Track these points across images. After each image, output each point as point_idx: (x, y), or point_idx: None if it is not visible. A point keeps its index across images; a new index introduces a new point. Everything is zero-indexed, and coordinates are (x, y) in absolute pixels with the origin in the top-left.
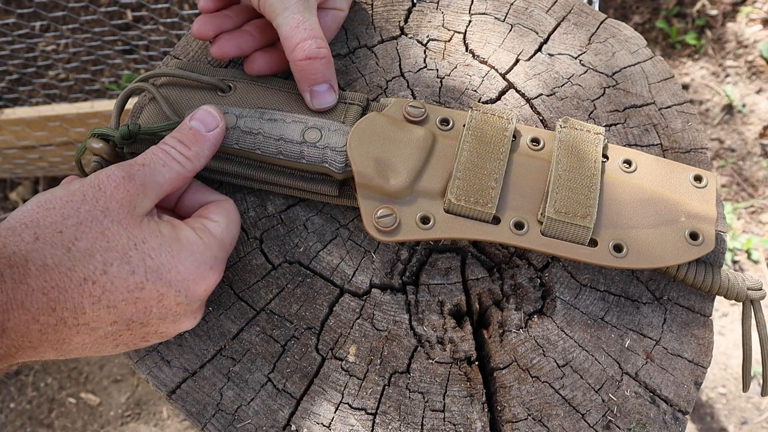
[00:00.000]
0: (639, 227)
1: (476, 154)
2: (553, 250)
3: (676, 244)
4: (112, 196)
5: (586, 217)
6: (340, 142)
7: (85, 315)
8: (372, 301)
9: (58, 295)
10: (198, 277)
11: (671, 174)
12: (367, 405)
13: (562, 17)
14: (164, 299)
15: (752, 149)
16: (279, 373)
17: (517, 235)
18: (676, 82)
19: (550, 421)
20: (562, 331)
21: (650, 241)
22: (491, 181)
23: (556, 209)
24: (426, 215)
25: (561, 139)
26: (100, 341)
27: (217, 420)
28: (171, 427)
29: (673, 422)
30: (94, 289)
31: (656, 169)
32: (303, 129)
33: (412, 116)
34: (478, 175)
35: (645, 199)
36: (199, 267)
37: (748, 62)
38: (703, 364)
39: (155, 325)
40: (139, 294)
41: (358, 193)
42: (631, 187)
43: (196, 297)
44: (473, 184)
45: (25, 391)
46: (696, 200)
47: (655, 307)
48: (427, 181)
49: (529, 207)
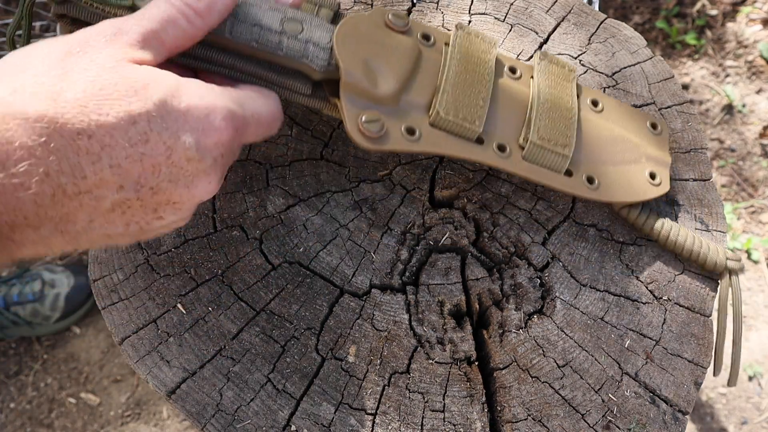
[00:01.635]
0: (608, 163)
1: (463, 71)
2: (533, 175)
3: (639, 182)
4: (102, 49)
5: (566, 147)
6: (324, 38)
7: (86, 180)
8: (372, 301)
9: (46, 154)
10: (208, 126)
11: (632, 118)
12: (367, 405)
13: (562, 17)
14: (173, 153)
15: (752, 149)
16: (279, 373)
17: (500, 158)
18: (676, 82)
19: (550, 421)
20: (562, 331)
21: (618, 178)
22: (479, 100)
23: (540, 135)
24: (412, 126)
25: (540, 71)
26: (108, 216)
27: (216, 420)
28: (171, 427)
29: (673, 422)
30: (91, 144)
31: (620, 112)
32: (282, 18)
33: (396, 26)
34: (466, 91)
35: (613, 138)
36: (209, 115)
37: (748, 62)
38: (703, 364)
39: (167, 192)
40: (144, 148)
41: (342, 94)
42: (600, 125)
43: (208, 150)
44: (461, 100)
45: (25, 391)
46: (653, 145)
47: (655, 307)
48: (413, 92)
49: (511, 132)
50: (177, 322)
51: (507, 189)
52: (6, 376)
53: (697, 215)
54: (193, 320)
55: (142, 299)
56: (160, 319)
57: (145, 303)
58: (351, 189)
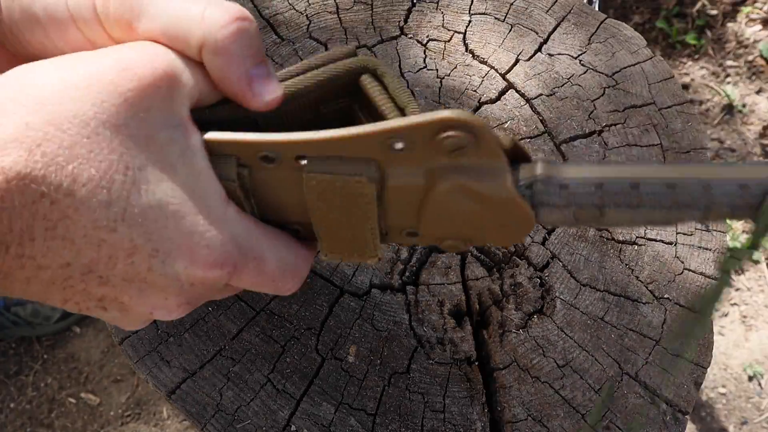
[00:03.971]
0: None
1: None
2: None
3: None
4: (127, 86)
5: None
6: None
7: (33, 244)
8: (372, 301)
9: (0, 210)
10: (190, 251)
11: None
12: (367, 405)
13: (562, 17)
14: (135, 255)
15: (752, 149)
16: (279, 373)
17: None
18: (676, 82)
19: (550, 421)
20: (562, 331)
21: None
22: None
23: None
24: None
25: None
26: (47, 286)
27: (216, 420)
28: (171, 427)
29: (673, 422)
30: (51, 211)
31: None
32: None
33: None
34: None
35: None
36: (197, 245)
37: (748, 62)
38: (703, 364)
39: (117, 288)
40: (107, 236)
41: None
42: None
43: (175, 274)
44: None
45: (25, 391)
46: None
47: (655, 307)
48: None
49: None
50: (177, 322)
51: None
52: (6, 376)
53: None
54: (193, 320)
55: None
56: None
57: None
58: None
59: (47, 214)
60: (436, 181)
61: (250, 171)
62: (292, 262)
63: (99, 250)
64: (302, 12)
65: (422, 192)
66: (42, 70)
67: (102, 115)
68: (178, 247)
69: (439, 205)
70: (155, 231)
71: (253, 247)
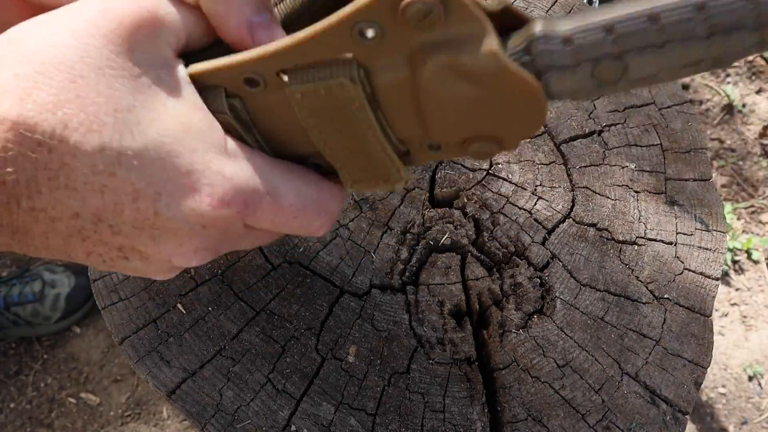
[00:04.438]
0: None
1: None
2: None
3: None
4: (108, 26)
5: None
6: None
7: (41, 196)
8: (372, 301)
9: (2, 161)
10: (192, 191)
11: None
12: (367, 406)
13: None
14: (139, 200)
15: (752, 149)
16: (279, 373)
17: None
18: (676, 82)
19: (550, 421)
20: (562, 331)
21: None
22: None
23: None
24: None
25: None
26: (66, 239)
27: (216, 420)
28: (171, 427)
29: (673, 422)
30: (51, 160)
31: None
32: None
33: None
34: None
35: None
36: (198, 178)
37: (748, 62)
38: (703, 364)
39: (130, 237)
40: (107, 180)
41: None
42: None
43: (182, 217)
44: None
45: (25, 391)
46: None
47: (655, 307)
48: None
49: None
50: (177, 322)
51: (507, 188)
52: (6, 376)
53: (697, 215)
54: (193, 320)
55: (142, 299)
56: (160, 319)
57: (145, 303)
58: None
59: (47, 163)
60: (418, 66)
61: (242, 101)
62: (314, 196)
63: (103, 197)
64: None
65: (411, 84)
66: (29, 25)
67: (85, 58)
68: (180, 187)
69: (434, 97)
70: (154, 173)
71: (264, 181)
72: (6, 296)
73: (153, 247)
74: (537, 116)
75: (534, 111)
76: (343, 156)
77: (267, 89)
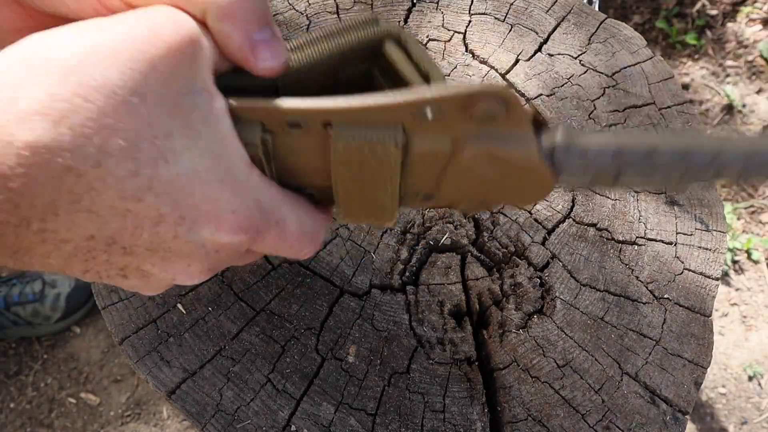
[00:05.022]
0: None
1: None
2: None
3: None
4: (155, 53)
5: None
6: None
7: (57, 219)
8: (372, 301)
9: (23, 186)
10: (216, 217)
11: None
12: (367, 406)
13: (562, 17)
14: (161, 224)
15: None
16: (279, 373)
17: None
18: (675, 82)
19: (550, 421)
20: (562, 331)
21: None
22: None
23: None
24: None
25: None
26: (68, 258)
27: (216, 420)
28: (171, 427)
29: (673, 422)
30: (77, 184)
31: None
32: None
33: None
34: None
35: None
36: (222, 208)
37: (748, 62)
38: (703, 364)
39: (140, 258)
40: (133, 206)
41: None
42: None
43: (200, 242)
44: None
45: (25, 391)
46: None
47: (655, 307)
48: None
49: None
50: (177, 322)
51: None
52: (6, 376)
53: (697, 215)
54: (193, 320)
55: (142, 299)
56: (160, 319)
57: (145, 303)
58: None
59: (73, 187)
60: (462, 148)
61: (273, 136)
62: (311, 226)
63: (125, 221)
64: (302, 12)
65: (447, 158)
66: (63, 38)
67: (129, 83)
68: (204, 213)
69: (463, 171)
70: (181, 198)
71: (275, 211)
72: (6, 296)
73: (160, 267)
74: (540, 197)
75: (540, 193)
76: (350, 196)
77: (305, 133)
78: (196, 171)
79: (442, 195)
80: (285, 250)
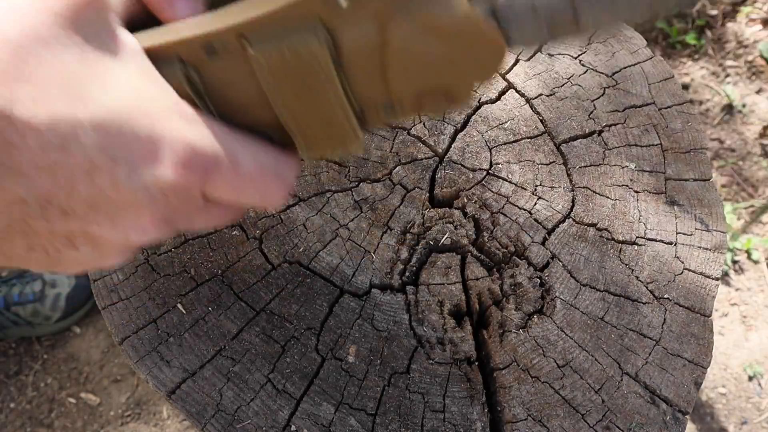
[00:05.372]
0: None
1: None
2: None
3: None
4: (55, 2)
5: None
6: None
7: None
8: (372, 301)
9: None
10: (152, 155)
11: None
12: (367, 405)
13: None
14: (95, 173)
15: (752, 149)
16: (279, 373)
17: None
18: (675, 82)
19: (550, 421)
20: (561, 331)
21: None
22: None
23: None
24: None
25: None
26: (6, 233)
27: (216, 420)
28: (171, 427)
29: (673, 422)
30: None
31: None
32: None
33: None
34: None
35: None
36: (159, 142)
37: (748, 62)
38: (703, 364)
39: (84, 220)
40: (59, 157)
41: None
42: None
43: (142, 185)
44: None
45: (25, 391)
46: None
47: (655, 307)
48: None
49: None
50: (177, 322)
51: (507, 188)
52: (6, 376)
53: (697, 215)
54: (193, 320)
55: (142, 299)
56: (160, 319)
57: (145, 303)
58: (351, 189)
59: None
60: (390, 29)
61: (197, 71)
62: (272, 165)
63: (54, 177)
64: None
65: (380, 46)
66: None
67: (31, 34)
68: (138, 154)
69: (402, 56)
70: (110, 142)
71: (223, 146)
72: (6, 296)
73: (108, 225)
74: (494, 63)
75: (494, 59)
76: (301, 120)
77: (226, 58)
78: (120, 110)
79: (397, 96)
80: (248, 193)
